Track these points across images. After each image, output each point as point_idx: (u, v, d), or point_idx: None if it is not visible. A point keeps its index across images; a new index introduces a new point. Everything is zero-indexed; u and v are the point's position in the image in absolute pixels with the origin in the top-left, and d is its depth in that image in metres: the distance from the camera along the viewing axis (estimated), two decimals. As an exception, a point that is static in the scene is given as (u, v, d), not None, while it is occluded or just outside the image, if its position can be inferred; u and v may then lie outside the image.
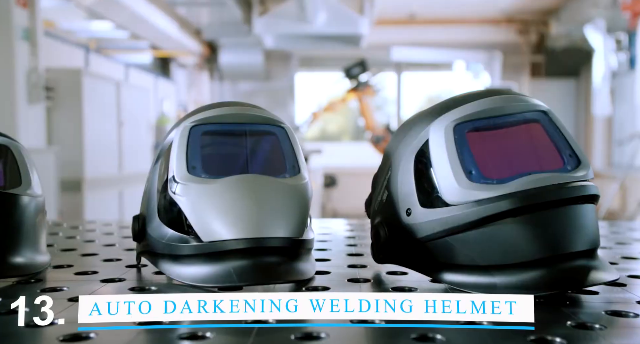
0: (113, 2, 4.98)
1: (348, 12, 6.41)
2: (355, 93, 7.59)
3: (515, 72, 8.27)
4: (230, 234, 0.68)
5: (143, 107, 5.30)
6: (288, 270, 0.69)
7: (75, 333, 0.51)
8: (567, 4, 6.85)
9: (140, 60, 7.42)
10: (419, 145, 0.69)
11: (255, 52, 8.30)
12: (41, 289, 0.68)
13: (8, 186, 0.76)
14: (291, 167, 0.74)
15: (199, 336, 0.51)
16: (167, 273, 0.72)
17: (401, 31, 8.24)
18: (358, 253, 0.90)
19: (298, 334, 0.51)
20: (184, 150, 0.72)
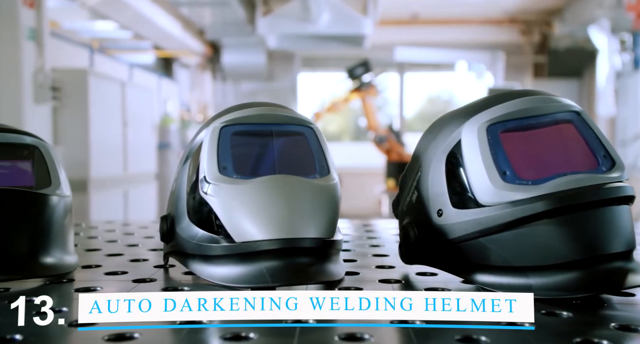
0: (117, 1, 4.98)
1: (351, 13, 6.41)
2: (358, 93, 7.59)
3: (517, 72, 8.27)
4: (263, 235, 0.68)
5: (147, 107, 5.31)
6: (319, 270, 0.69)
7: (120, 333, 0.51)
8: (571, 4, 6.86)
9: (143, 60, 7.42)
10: (450, 146, 0.69)
11: (258, 52, 8.30)
12: (75, 289, 0.68)
13: (37, 186, 0.77)
14: (321, 167, 0.74)
15: (242, 337, 0.51)
16: (198, 273, 0.72)
17: (404, 31, 8.24)
18: (384, 254, 0.90)
19: (342, 335, 0.51)
20: (214, 151, 0.73)
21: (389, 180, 7.20)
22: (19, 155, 0.78)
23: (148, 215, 5.22)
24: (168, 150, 6.05)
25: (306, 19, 6.27)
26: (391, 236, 1.09)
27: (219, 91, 9.13)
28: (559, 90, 8.51)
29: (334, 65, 9.35)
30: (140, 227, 1.22)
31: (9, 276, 0.70)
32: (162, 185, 5.92)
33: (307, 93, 9.56)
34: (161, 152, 5.90)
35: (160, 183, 5.83)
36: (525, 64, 8.37)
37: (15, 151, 0.78)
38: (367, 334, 0.50)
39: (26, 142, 0.79)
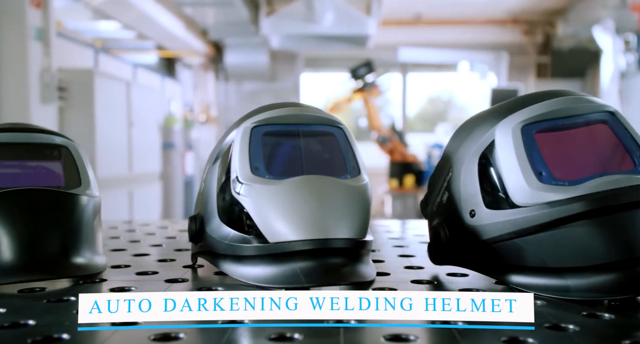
0: (122, 1, 4.98)
1: (355, 13, 6.42)
2: (361, 93, 7.60)
3: (520, 72, 8.27)
4: (296, 235, 0.68)
5: (152, 107, 5.31)
6: (352, 271, 0.70)
7: (165, 332, 0.52)
8: (574, 4, 6.86)
9: (146, 60, 7.42)
10: (483, 147, 0.69)
11: (261, 52, 8.31)
12: (110, 289, 0.68)
13: (68, 187, 0.77)
14: (351, 167, 0.75)
15: (287, 337, 0.51)
16: (230, 273, 0.73)
17: (407, 32, 8.24)
18: (409, 255, 0.90)
19: (387, 336, 0.51)
20: (246, 151, 0.73)
21: (392, 180, 7.20)
22: (49, 155, 0.79)
23: (153, 215, 5.22)
24: (172, 150, 6.06)
25: (310, 19, 6.27)
26: (413, 236, 1.09)
27: (221, 91, 9.13)
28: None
29: (337, 65, 9.35)
30: (160, 227, 1.22)
31: (42, 276, 0.70)
32: (166, 185, 5.92)
33: (309, 94, 9.56)
34: (165, 152, 5.90)
35: (165, 183, 5.83)
36: (528, 64, 8.37)
37: (45, 151, 0.79)
38: (412, 336, 0.51)
39: (56, 142, 0.80)
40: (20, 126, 0.80)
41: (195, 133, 7.20)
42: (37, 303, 0.62)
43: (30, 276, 0.69)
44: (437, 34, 8.21)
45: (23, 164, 0.77)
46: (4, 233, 0.70)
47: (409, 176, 6.97)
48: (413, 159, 7.23)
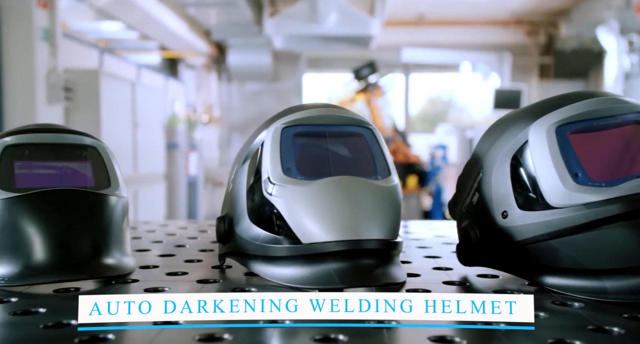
0: (126, 2, 4.98)
1: (359, 14, 6.42)
2: (364, 94, 7.61)
3: (523, 73, 8.28)
4: (329, 236, 0.68)
5: (156, 108, 5.31)
6: (385, 272, 0.70)
7: (210, 333, 0.52)
8: (578, 5, 6.86)
9: (149, 60, 7.43)
10: (515, 147, 0.69)
11: (264, 52, 8.31)
12: (144, 289, 0.68)
13: (98, 187, 0.77)
14: (382, 168, 0.75)
15: (331, 339, 0.51)
16: (261, 274, 0.73)
17: (410, 32, 8.25)
18: (435, 256, 0.90)
19: (432, 337, 0.51)
20: (277, 152, 0.73)
21: (395, 180, 7.20)
22: (79, 155, 0.79)
23: (157, 215, 5.22)
24: (176, 151, 6.06)
25: (313, 19, 6.27)
26: (434, 237, 1.09)
27: (224, 92, 9.13)
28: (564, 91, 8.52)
29: (339, 66, 9.36)
30: (180, 228, 1.22)
31: (76, 277, 0.70)
32: (170, 186, 5.92)
33: (312, 94, 9.57)
34: (169, 152, 5.91)
35: (169, 184, 5.83)
36: (531, 65, 8.38)
37: (75, 152, 0.79)
38: (457, 338, 0.51)
39: (85, 142, 0.80)
40: (50, 127, 0.80)
41: (198, 133, 7.20)
42: (74, 303, 0.62)
43: (64, 277, 0.69)
44: (440, 35, 8.21)
45: (54, 165, 0.77)
46: (37, 233, 0.70)
47: (412, 177, 6.97)
48: (416, 160, 7.24)
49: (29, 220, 0.70)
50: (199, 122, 7.73)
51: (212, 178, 8.12)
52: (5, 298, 0.63)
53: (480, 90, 9.19)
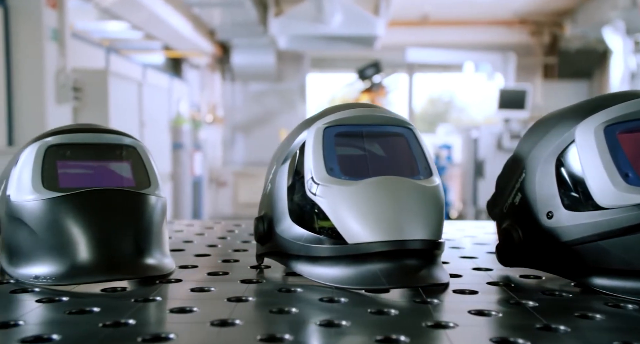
0: (132, 2, 4.98)
1: (364, 13, 6.42)
2: (369, 94, 7.61)
3: (527, 73, 8.28)
4: (374, 236, 0.68)
5: (162, 108, 5.32)
6: (430, 273, 0.70)
7: (271, 334, 0.52)
8: (583, 5, 6.86)
9: (153, 60, 7.43)
10: (561, 148, 0.69)
11: (268, 52, 8.31)
12: (190, 289, 0.68)
13: (138, 187, 0.77)
14: (424, 168, 0.75)
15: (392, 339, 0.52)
16: (305, 274, 0.73)
17: (414, 32, 8.25)
18: (471, 256, 0.90)
19: (494, 338, 0.51)
20: (320, 152, 0.73)
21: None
22: (119, 155, 0.79)
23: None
24: (181, 151, 6.06)
25: (318, 19, 6.27)
26: (464, 238, 1.09)
27: (228, 92, 9.13)
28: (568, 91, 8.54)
29: (343, 66, 9.36)
30: (205, 227, 1.22)
31: (121, 276, 0.70)
32: (175, 185, 5.93)
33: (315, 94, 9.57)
34: (174, 152, 5.91)
35: (174, 184, 5.83)
36: (535, 65, 8.38)
37: (115, 152, 0.79)
38: (520, 339, 0.51)
39: (125, 142, 0.80)
40: (91, 127, 0.80)
41: (202, 133, 7.21)
42: (125, 302, 0.62)
43: (110, 276, 0.70)
44: (444, 35, 8.21)
45: (95, 164, 0.77)
46: (83, 233, 0.70)
47: (417, 177, 6.95)
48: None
49: (74, 220, 0.71)
50: (203, 122, 7.73)
51: (216, 178, 8.13)
52: (56, 297, 0.63)
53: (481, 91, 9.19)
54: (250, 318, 0.57)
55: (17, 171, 0.74)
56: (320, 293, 0.67)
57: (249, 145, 9.16)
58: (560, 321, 0.55)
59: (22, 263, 0.72)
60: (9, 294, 0.66)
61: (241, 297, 0.65)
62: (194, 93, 8.24)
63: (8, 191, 0.74)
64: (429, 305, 0.62)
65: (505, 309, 0.60)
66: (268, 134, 8.96)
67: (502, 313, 0.58)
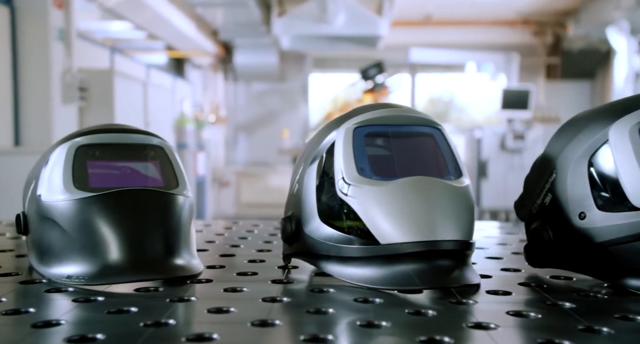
0: (136, 2, 4.99)
1: (367, 14, 6.42)
2: (372, 94, 7.61)
3: (530, 73, 8.28)
4: (407, 237, 0.68)
5: (167, 107, 5.32)
6: (462, 273, 0.70)
7: (314, 334, 0.52)
8: (586, 5, 6.86)
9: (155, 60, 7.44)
10: (594, 148, 0.69)
11: (271, 52, 8.32)
12: (223, 289, 0.68)
13: (167, 187, 0.77)
14: (453, 168, 0.75)
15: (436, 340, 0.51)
16: (336, 274, 0.73)
17: (417, 32, 8.26)
18: (496, 257, 0.90)
19: (540, 340, 0.51)
20: (350, 152, 0.73)
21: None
22: (147, 155, 0.79)
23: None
24: (185, 151, 6.06)
25: (322, 19, 6.27)
26: (484, 238, 1.09)
27: (230, 92, 9.13)
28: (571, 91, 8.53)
29: (345, 66, 9.37)
30: (224, 228, 1.22)
31: (152, 276, 0.70)
32: (179, 186, 5.91)
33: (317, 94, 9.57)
34: (178, 152, 5.90)
35: (178, 184, 5.82)
36: (538, 65, 8.38)
37: (144, 152, 0.79)
38: (566, 341, 0.51)
39: (153, 142, 0.80)
40: (119, 127, 0.80)
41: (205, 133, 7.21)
42: (161, 302, 0.62)
43: (142, 276, 0.70)
44: (446, 35, 8.22)
45: (123, 164, 0.77)
46: (114, 233, 0.70)
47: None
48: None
49: (106, 220, 0.71)
50: (206, 122, 7.73)
51: (219, 178, 8.13)
52: (91, 297, 0.63)
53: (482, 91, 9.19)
54: (288, 319, 0.57)
55: (48, 171, 0.74)
56: (353, 293, 0.67)
57: (251, 145, 9.17)
58: (601, 323, 0.55)
59: (53, 262, 0.72)
60: (44, 294, 0.66)
61: (275, 297, 0.65)
62: (197, 93, 8.24)
63: (38, 191, 0.74)
64: (465, 306, 0.62)
65: (542, 311, 0.60)
66: (270, 134, 8.97)
67: (541, 314, 0.58)
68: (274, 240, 1.05)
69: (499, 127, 6.82)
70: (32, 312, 0.58)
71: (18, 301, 0.63)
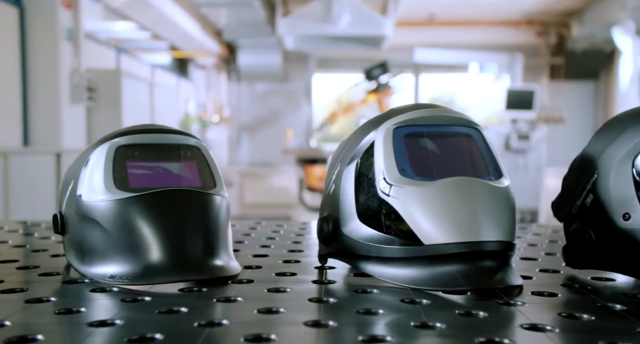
0: (142, 2, 4.98)
1: (372, 14, 6.42)
2: (376, 94, 7.61)
3: (533, 73, 8.28)
4: (451, 237, 0.68)
5: (172, 107, 5.32)
6: (505, 274, 0.70)
7: (371, 335, 0.52)
8: (591, 5, 6.86)
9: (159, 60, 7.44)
10: (639, 147, 0.69)
11: (274, 53, 8.32)
12: (267, 289, 0.68)
13: (205, 187, 0.77)
14: (494, 169, 0.75)
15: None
16: (377, 275, 0.72)
17: (421, 32, 8.26)
18: (531, 257, 0.90)
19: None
20: (391, 152, 0.73)
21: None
22: (184, 156, 0.79)
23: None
24: (190, 151, 6.05)
25: (326, 19, 6.27)
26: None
27: (233, 92, 9.13)
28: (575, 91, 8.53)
29: (348, 66, 9.36)
30: (250, 228, 1.22)
31: (195, 277, 0.70)
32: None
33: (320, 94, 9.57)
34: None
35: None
36: (541, 66, 8.38)
37: (181, 152, 0.79)
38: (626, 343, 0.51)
39: (190, 143, 0.80)
40: (156, 127, 0.80)
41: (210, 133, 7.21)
42: (208, 302, 0.62)
43: (185, 276, 0.70)
44: (450, 35, 8.22)
45: (161, 165, 0.77)
46: (156, 233, 0.70)
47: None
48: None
49: (148, 220, 0.70)
50: (210, 122, 7.73)
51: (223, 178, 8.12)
52: (138, 297, 0.63)
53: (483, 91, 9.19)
54: (341, 319, 0.57)
55: (88, 171, 0.74)
56: (397, 294, 0.67)
57: (254, 145, 9.17)
58: (658, 323, 0.55)
59: (95, 262, 0.71)
60: (89, 293, 0.65)
61: (321, 298, 0.64)
62: (200, 93, 8.24)
63: (79, 191, 0.74)
64: (514, 307, 0.61)
65: (594, 313, 0.59)
66: (273, 134, 8.97)
67: (594, 316, 0.58)
68: (303, 241, 1.05)
69: (503, 127, 6.81)
70: (84, 312, 0.58)
71: (66, 300, 0.62)
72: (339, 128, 9.59)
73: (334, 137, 9.23)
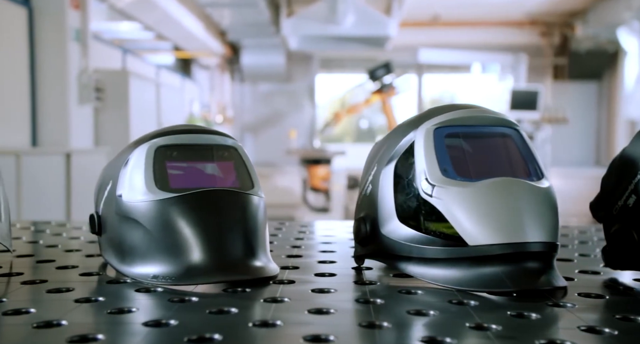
0: (147, 2, 4.98)
1: (376, 14, 6.42)
2: (380, 95, 7.61)
3: (537, 74, 8.28)
4: (496, 238, 0.67)
5: (178, 107, 5.31)
6: (550, 276, 0.69)
7: (430, 336, 0.51)
8: (595, 5, 6.86)
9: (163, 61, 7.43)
10: (683, 149, 0.69)
11: (278, 53, 8.32)
12: (311, 290, 0.68)
13: (243, 188, 0.77)
14: (534, 170, 0.74)
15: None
16: (419, 275, 0.72)
17: (424, 33, 8.25)
18: (565, 259, 0.90)
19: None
20: (432, 152, 0.72)
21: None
22: (222, 156, 0.79)
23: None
24: (194, 151, 6.05)
25: (331, 20, 6.27)
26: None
27: (237, 92, 9.13)
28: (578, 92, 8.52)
29: (351, 66, 9.36)
30: (275, 229, 1.21)
31: (239, 277, 0.70)
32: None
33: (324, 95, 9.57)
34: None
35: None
36: (545, 66, 8.38)
37: (219, 152, 0.78)
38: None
39: (228, 143, 0.79)
40: (194, 128, 0.80)
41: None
42: (256, 303, 0.62)
43: (228, 277, 0.69)
44: (454, 35, 8.22)
45: (200, 165, 0.77)
46: (198, 234, 0.70)
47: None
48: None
49: (189, 220, 0.70)
50: (214, 123, 7.73)
51: (226, 179, 8.12)
52: (185, 297, 0.63)
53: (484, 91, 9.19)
54: (394, 320, 0.57)
55: (128, 172, 0.74)
56: (442, 295, 0.66)
57: (258, 145, 9.17)
58: None
59: (137, 262, 0.71)
60: (135, 293, 0.65)
61: (368, 299, 0.64)
62: (204, 93, 8.24)
63: (119, 191, 0.74)
64: (564, 309, 0.61)
65: (648, 313, 0.59)
66: (277, 134, 8.97)
67: (649, 316, 0.58)
68: (332, 241, 1.05)
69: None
70: (135, 311, 0.57)
71: (115, 300, 0.62)
72: (339, 129, 9.60)
73: (334, 137, 9.23)
